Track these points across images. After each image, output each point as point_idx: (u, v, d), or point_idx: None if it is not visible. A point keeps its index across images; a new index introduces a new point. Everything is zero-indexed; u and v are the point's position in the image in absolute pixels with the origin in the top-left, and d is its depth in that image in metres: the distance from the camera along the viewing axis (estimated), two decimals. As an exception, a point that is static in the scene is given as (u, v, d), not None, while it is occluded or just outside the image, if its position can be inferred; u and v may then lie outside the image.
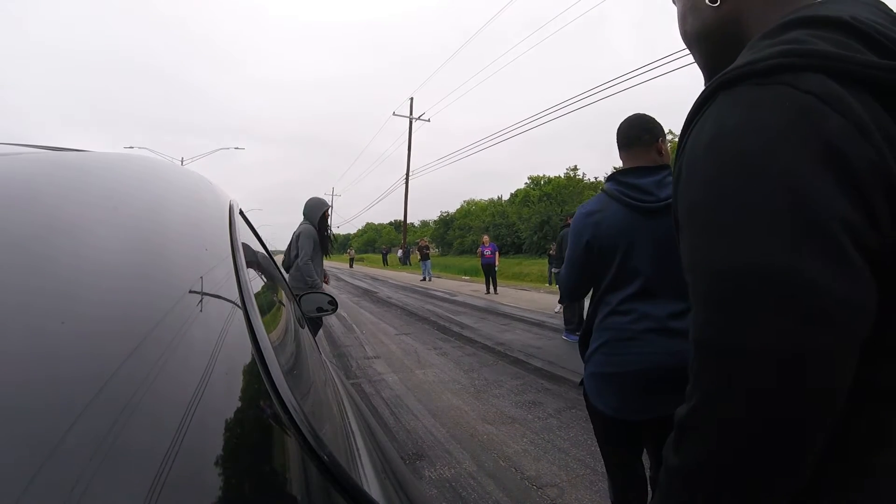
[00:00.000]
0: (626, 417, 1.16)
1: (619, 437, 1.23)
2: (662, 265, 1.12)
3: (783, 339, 0.33)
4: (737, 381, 0.35)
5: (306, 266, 3.19)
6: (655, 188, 1.15)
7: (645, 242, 1.14)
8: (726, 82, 0.40)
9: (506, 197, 36.78)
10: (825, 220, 0.33)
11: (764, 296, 0.34)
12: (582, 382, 1.28)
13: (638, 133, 1.21)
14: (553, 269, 4.61)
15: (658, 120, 1.24)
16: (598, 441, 1.32)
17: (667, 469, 0.41)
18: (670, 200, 1.05)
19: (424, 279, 15.29)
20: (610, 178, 1.23)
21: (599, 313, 1.22)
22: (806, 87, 0.35)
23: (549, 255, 13.44)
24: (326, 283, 3.65)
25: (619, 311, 1.17)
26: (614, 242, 1.16)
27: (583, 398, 1.29)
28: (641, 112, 1.26)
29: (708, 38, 0.53)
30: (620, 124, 1.26)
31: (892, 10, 0.42)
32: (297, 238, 3.33)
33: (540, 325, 6.16)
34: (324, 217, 3.44)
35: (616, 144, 1.26)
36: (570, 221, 4.15)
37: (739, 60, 0.40)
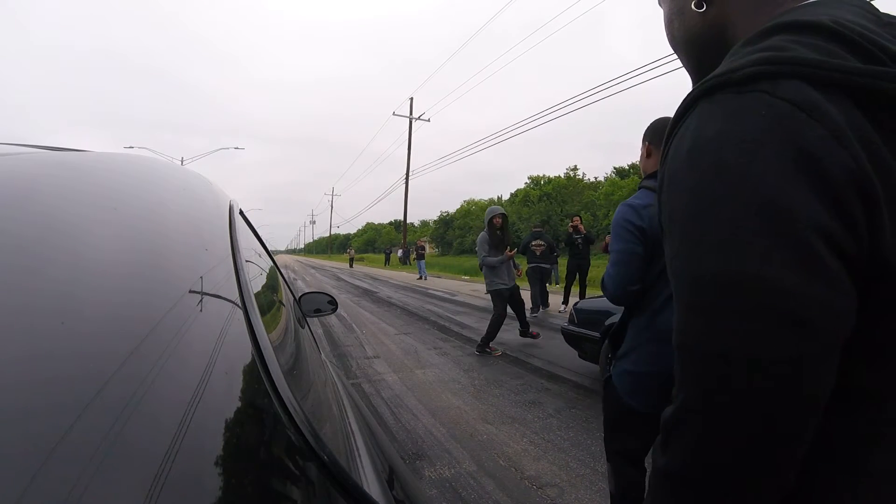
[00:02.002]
0: (657, 412, 1.14)
1: (640, 431, 1.22)
2: None
3: (759, 344, 0.34)
4: (716, 385, 0.36)
5: (484, 265, 4.35)
6: None
7: None
8: (706, 91, 0.40)
9: (506, 197, 36.82)
10: (799, 228, 0.34)
11: (740, 302, 0.35)
12: (608, 380, 1.26)
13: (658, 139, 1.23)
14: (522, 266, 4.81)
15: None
16: (609, 439, 1.30)
17: (655, 470, 0.42)
18: None
19: (421, 277, 15.84)
20: (654, 176, 1.22)
21: (643, 311, 1.20)
22: (783, 94, 0.35)
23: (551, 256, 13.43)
24: (519, 275, 4.69)
25: (668, 308, 1.15)
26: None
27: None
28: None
29: (694, 43, 0.53)
30: (664, 121, 1.25)
31: (879, 12, 0.42)
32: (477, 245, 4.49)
33: (540, 324, 6.16)
34: (491, 223, 4.38)
35: (651, 140, 1.25)
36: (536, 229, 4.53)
37: (719, 68, 0.41)
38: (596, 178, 30.48)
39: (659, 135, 1.23)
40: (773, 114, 0.35)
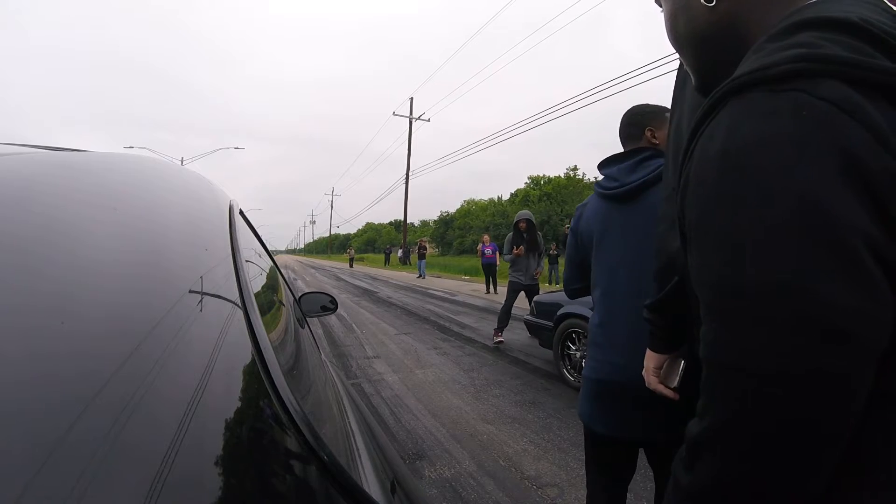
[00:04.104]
0: (594, 428, 1.10)
1: (597, 454, 1.15)
2: (627, 257, 1.06)
3: (803, 359, 0.33)
4: (755, 403, 0.34)
5: (506, 261, 4.96)
6: (623, 174, 1.09)
7: (615, 233, 1.10)
8: (736, 88, 0.38)
9: (506, 197, 36.87)
10: (846, 237, 0.32)
11: (785, 316, 0.33)
12: None
13: (626, 130, 1.17)
14: (550, 268, 4.97)
15: (653, 104, 1.18)
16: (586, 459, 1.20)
17: (677, 487, 0.40)
18: (637, 182, 1.04)
19: (421, 276, 16.26)
20: (613, 161, 1.19)
21: (595, 310, 1.17)
22: (823, 94, 0.33)
23: (549, 255, 13.47)
24: (537, 275, 4.95)
25: (596, 312, 1.14)
26: (590, 234, 1.15)
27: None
28: (637, 104, 1.20)
29: (703, 39, 0.51)
30: (647, 106, 1.21)
31: (893, 10, 0.40)
32: None
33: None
34: (516, 225, 4.90)
35: (652, 124, 1.18)
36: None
37: (749, 65, 0.38)
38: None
39: (656, 117, 1.15)
40: (813, 115, 0.33)
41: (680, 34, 0.53)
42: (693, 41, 0.52)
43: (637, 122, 1.15)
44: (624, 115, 1.19)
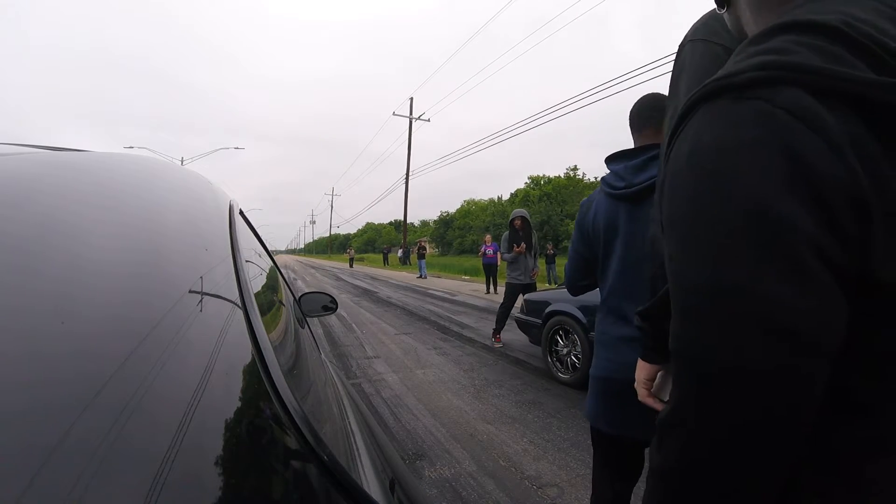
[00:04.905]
0: (598, 426, 1.11)
1: (606, 457, 1.15)
2: (630, 258, 1.06)
3: (749, 355, 0.35)
4: (708, 392, 0.37)
5: (507, 260, 4.85)
6: (630, 173, 1.06)
7: (621, 233, 1.08)
8: (706, 95, 0.40)
9: (506, 197, 36.90)
10: (791, 240, 0.34)
11: (730, 313, 0.36)
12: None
13: (635, 121, 1.12)
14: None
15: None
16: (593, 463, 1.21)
17: (651, 468, 0.43)
18: (645, 184, 1.02)
19: (422, 276, 16.43)
20: (617, 158, 1.15)
21: (600, 309, 1.17)
22: (781, 103, 0.35)
23: (548, 255, 13.48)
24: (534, 275, 4.86)
25: (601, 310, 1.15)
26: (598, 233, 1.13)
27: (587, 396, 1.25)
28: (650, 93, 1.13)
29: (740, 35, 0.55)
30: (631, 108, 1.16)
31: None
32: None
33: (540, 324, 6.15)
34: (511, 224, 4.85)
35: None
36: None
37: (722, 71, 0.40)
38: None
39: (634, 120, 1.12)
40: (770, 123, 0.35)
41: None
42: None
43: (646, 114, 1.10)
44: (634, 104, 1.14)
